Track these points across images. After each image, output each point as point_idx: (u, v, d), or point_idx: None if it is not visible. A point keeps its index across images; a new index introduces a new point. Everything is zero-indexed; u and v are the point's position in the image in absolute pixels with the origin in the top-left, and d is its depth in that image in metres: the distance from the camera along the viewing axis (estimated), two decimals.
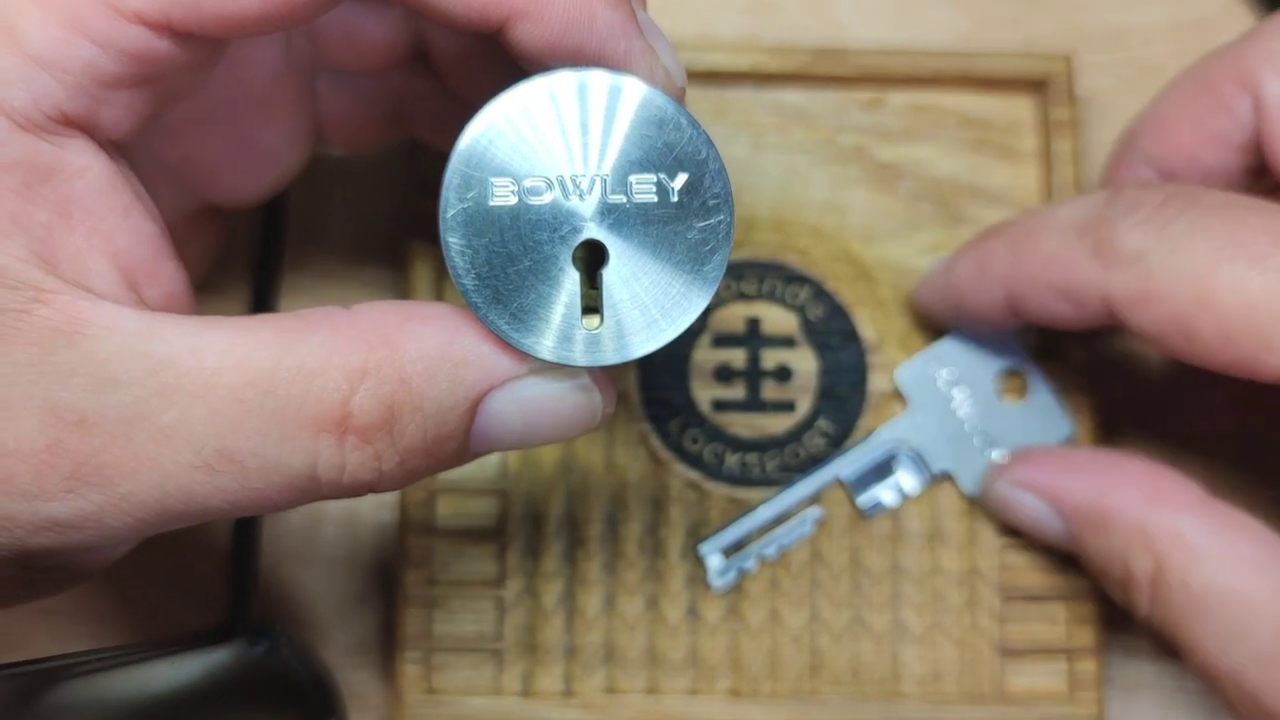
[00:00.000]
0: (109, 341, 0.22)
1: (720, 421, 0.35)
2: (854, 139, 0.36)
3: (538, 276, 0.24)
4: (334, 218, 0.36)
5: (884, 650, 0.34)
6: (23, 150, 0.22)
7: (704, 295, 0.24)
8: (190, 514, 0.23)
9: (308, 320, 0.23)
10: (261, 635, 0.30)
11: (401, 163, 0.36)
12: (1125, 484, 0.31)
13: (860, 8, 0.38)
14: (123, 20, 0.22)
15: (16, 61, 0.21)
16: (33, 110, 0.22)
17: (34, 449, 0.22)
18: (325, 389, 0.23)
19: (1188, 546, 0.29)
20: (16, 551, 0.23)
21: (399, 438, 0.24)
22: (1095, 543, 0.31)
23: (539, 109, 0.23)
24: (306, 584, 0.36)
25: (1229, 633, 0.28)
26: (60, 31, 0.22)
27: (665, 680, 0.34)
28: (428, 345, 0.23)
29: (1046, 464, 0.33)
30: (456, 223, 0.23)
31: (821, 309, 0.36)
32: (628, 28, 0.24)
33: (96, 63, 0.22)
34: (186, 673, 0.29)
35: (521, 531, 0.35)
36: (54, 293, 0.22)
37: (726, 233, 0.24)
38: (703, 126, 0.24)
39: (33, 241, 0.22)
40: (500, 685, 0.34)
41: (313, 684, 0.31)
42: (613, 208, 0.24)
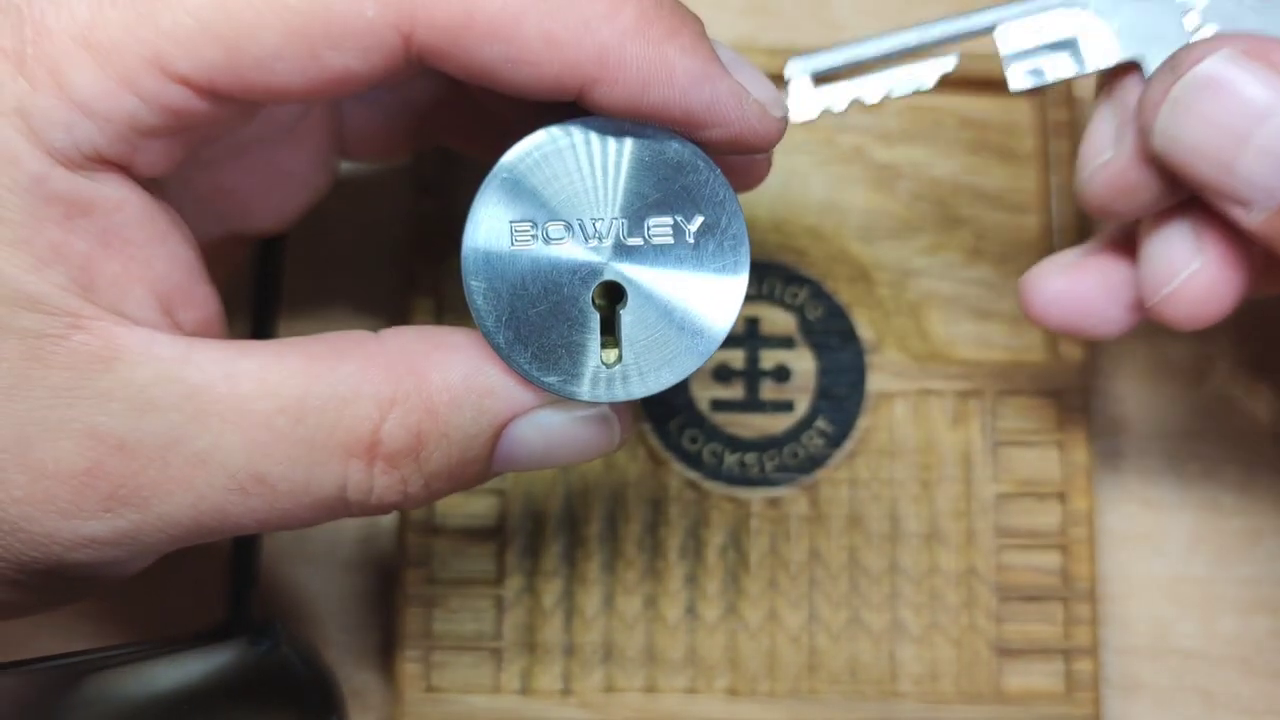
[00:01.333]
0: (146, 367, 0.23)
1: (719, 421, 0.35)
2: (853, 140, 0.37)
3: (557, 317, 0.24)
4: (334, 230, 0.36)
5: (882, 650, 0.34)
6: (64, 185, 0.22)
7: (719, 334, 0.25)
8: (221, 530, 0.24)
9: (338, 347, 0.24)
10: (262, 634, 0.31)
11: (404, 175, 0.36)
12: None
13: (859, 9, 0.38)
14: (168, 80, 0.22)
15: (61, 105, 0.22)
16: (72, 150, 0.22)
17: (74, 471, 0.23)
18: (356, 417, 0.24)
19: None
20: (52, 565, 0.24)
21: (425, 463, 0.24)
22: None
23: (558, 154, 0.24)
24: (307, 583, 0.36)
25: None
26: (109, 85, 0.22)
27: (664, 679, 0.34)
28: (453, 375, 0.24)
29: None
30: (478, 266, 0.24)
31: (820, 309, 0.36)
32: (709, 71, 0.24)
33: (138, 114, 0.22)
34: (187, 671, 0.29)
35: (521, 530, 0.35)
36: (92, 319, 0.23)
37: (742, 273, 0.25)
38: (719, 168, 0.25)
39: (72, 269, 0.23)
40: (499, 684, 0.34)
41: (313, 682, 0.31)
42: (631, 249, 0.24)
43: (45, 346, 0.23)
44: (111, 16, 0.22)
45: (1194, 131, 0.25)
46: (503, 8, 0.22)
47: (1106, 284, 0.30)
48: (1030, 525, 0.35)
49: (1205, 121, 0.25)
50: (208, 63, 0.22)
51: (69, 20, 0.22)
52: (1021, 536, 0.35)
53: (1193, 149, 0.25)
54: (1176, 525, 0.36)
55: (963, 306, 0.36)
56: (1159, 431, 0.37)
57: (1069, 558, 0.35)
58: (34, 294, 0.22)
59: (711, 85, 0.24)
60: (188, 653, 0.29)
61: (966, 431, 0.35)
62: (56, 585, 0.25)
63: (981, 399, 0.35)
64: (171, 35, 0.22)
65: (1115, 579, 0.36)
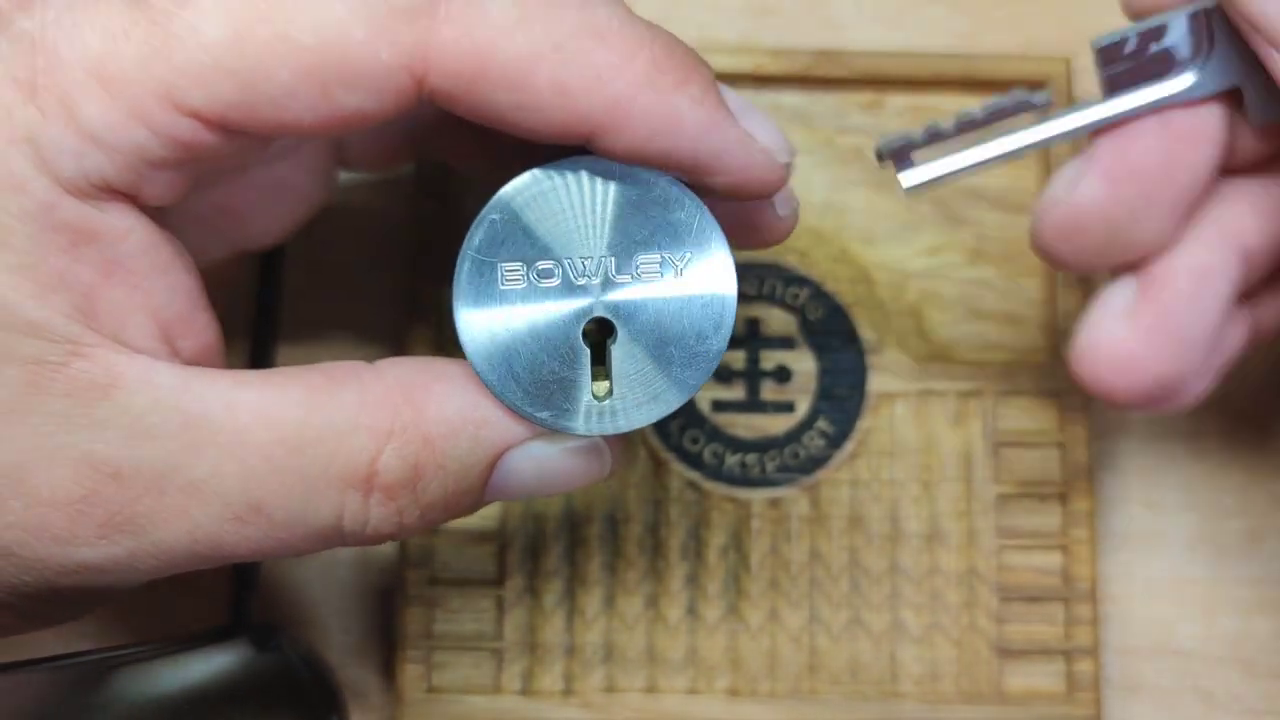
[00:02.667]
0: (144, 395, 0.23)
1: (720, 422, 0.35)
2: (854, 140, 0.37)
3: (548, 354, 0.25)
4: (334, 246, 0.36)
5: (882, 650, 0.34)
6: (70, 214, 0.22)
7: (707, 368, 0.25)
8: (217, 559, 0.24)
9: (335, 378, 0.24)
10: (263, 635, 0.31)
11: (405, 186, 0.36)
12: None
13: (860, 10, 0.38)
14: (179, 114, 0.22)
15: (70, 135, 0.22)
16: (80, 180, 0.22)
17: (69, 498, 0.23)
18: (353, 449, 0.24)
19: None
20: (45, 589, 0.24)
21: (422, 494, 0.25)
22: None
23: (545, 196, 0.25)
24: (307, 583, 0.36)
25: None
26: (119, 117, 0.22)
27: (664, 679, 0.34)
28: (450, 407, 0.24)
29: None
30: (467, 302, 0.25)
31: (821, 310, 0.36)
32: (717, 120, 0.24)
33: (147, 146, 0.22)
34: (189, 672, 0.29)
35: (522, 531, 0.35)
36: (92, 346, 0.23)
37: (730, 308, 0.25)
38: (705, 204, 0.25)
39: (74, 297, 0.23)
40: (500, 684, 0.34)
41: (314, 683, 0.31)
42: (619, 286, 0.25)
43: (45, 373, 0.23)
44: (125, 49, 0.22)
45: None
46: (516, 57, 0.22)
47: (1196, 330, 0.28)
48: (1031, 526, 0.35)
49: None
50: (220, 99, 0.22)
51: (82, 51, 0.22)
52: (1022, 537, 0.35)
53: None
54: (1177, 526, 0.36)
55: (963, 307, 0.36)
56: (1160, 432, 0.37)
57: (1070, 558, 0.35)
58: (35, 320, 0.22)
59: (720, 134, 0.24)
60: (189, 654, 0.29)
61: (967, 432, 0.35)
62: (46, 609, 0.25)
63: (982, 399, 0.35)
64: (184, 70, 0.22)
65: (1116, 579, 0.36)
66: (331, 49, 0.22)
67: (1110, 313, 0.29)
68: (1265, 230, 0.28)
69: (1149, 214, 0.28)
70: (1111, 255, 0.28)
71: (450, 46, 0.22)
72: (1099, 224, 0.28)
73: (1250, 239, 0.28)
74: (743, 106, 0.25)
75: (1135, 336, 0.28)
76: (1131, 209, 0.28)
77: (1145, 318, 0.28)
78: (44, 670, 0.27)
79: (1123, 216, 0.27)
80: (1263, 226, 0.28)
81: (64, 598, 0.25)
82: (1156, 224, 0.28)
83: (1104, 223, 0.28)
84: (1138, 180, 0.27)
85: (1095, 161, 0.28)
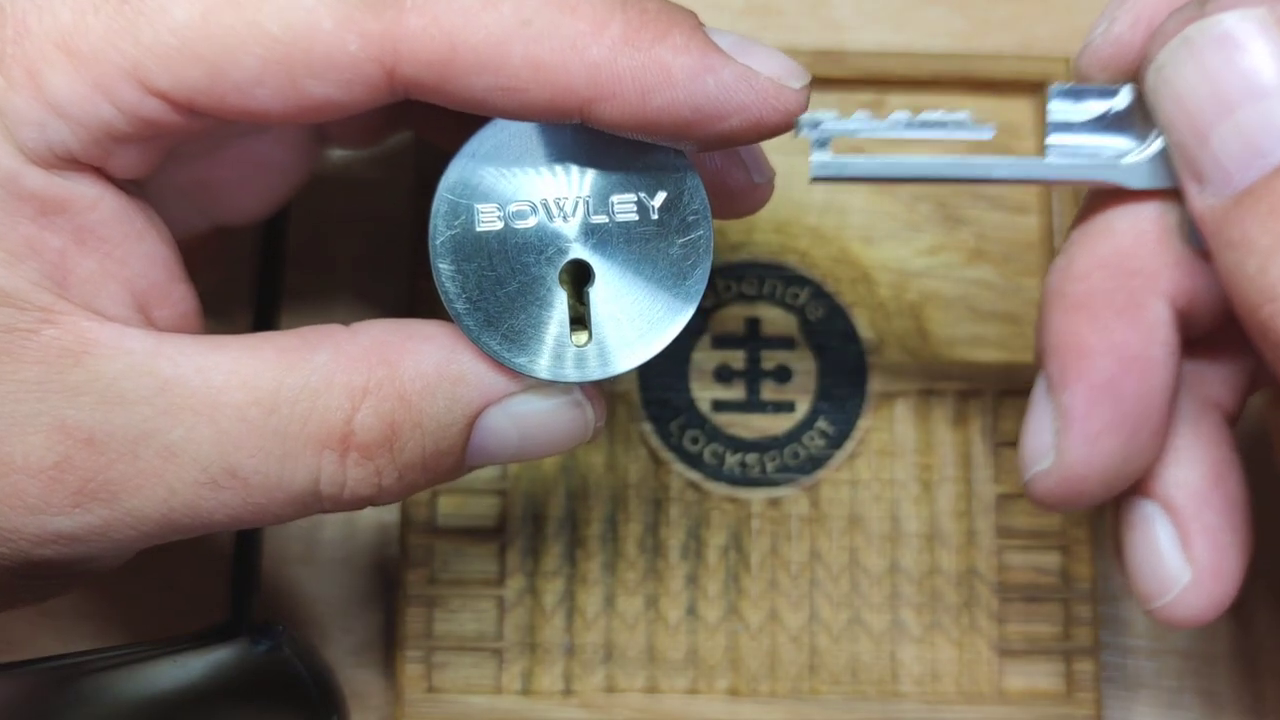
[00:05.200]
0: (117, 361, 0.23)
1: (720, 422, 0.35)
2: (854, 140, 0.36)
3: (527, 298, 0.24)
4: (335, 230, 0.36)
5: (882, 650, 0.35)
6: (36, 183, 0.22)
7: (687, 309, 0.25)
8: (194, 527, 0.24)
9: (310, 339, 0.24)
10: (263, 635, 0.31)
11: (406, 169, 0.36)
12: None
13: (860, 10, 0.38)
14: (145, 93, 0.22)
15: (36, 105, 0.22)
16: (44, 150, 0.22)
17: (42, 465, 0.23)
18: (329, 407, 0.23)
19: None
20: (20, 562, 0.24)
21: (399, 454, 0.24)
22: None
23: (522, 137, 0.24)
24: (308, 583, 0.36)
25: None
26: (84, 89, 0.22)
27: (664, 679, 0.34)
28: (426, 364, 0.24)
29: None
30: (446, 249, 0.24)
31: (821, 310, 0.36)
32: (709, 63, 0.23)
33: (113, 122, 0.22)
34: (189, 672, 0.29)
35: (522, 531, 0.35)
36: (63, 314, 0.23)
37: (706, 247, 0.25)
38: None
39: (44, 265, 0.23)
40: (500, 684, 0.34)
41: (315, 683, 0.31)
42: (596, 228, 0.24)
43: (16, 341, 0.22)
44: (94, 24, 0.22)
45: (1188, 80, 0.22)
46: (486, 38, 0.22)
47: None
48: (1031, 526, 0.35)
49: (1203, 74, 0.22)
50: (187, 82, 0.22)
51: (51, 24, 0.22)
52: (1022, 537, 0.35)
53: (1179, 98, 0.23)
54: None
55: (963, 307, 0.36)
56: None
57: (1070, 558, 0.35)
58: (4, 288, 0.22)
59: (714, 76, 0.23)
60: (189, 653, 0.29)
61: (967, 432, 0.35)
62: (23, 583, 0.25)
63: (982, 399, 0.35)
64: (152, 50, 0.22)
65: (1116, 579, 0.36)
66: (299, 38, 0.22)
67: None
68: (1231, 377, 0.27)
69: (1140, 446, 0.25)
70: (1117, 489, 0.26)
71: (419, 35, 0.22)
72: (1096, 479, 0.25)
73: (1218, 389, 0.27)
74: (738, 43, 0.24)
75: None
76: (1123, 454, 0.25)
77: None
78: (44, 670, 0.27)
79: (1115, 465, 0.25)
80: (1227, 376, 0.27)
81: (40, 572, 0.24)
82: (1149, 447, 0.25)
83: (1100, 476, 0.25)
84: (1118, 428, 0.24)
85: (1071, 423, 0.25)
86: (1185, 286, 0.24)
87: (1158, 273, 0.24)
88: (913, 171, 0.24)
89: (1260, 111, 0.21)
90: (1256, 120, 0.21)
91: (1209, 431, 0.26)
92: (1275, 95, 0.21)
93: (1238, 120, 0.22)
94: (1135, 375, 0.24)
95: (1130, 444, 0.24)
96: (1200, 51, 0.22)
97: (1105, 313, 0.24)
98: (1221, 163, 0.22)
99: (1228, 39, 0.22)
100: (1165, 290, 0.24)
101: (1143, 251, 0.24)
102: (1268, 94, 0.21)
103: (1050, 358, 0.25)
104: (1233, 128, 0.22)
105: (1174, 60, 0.23)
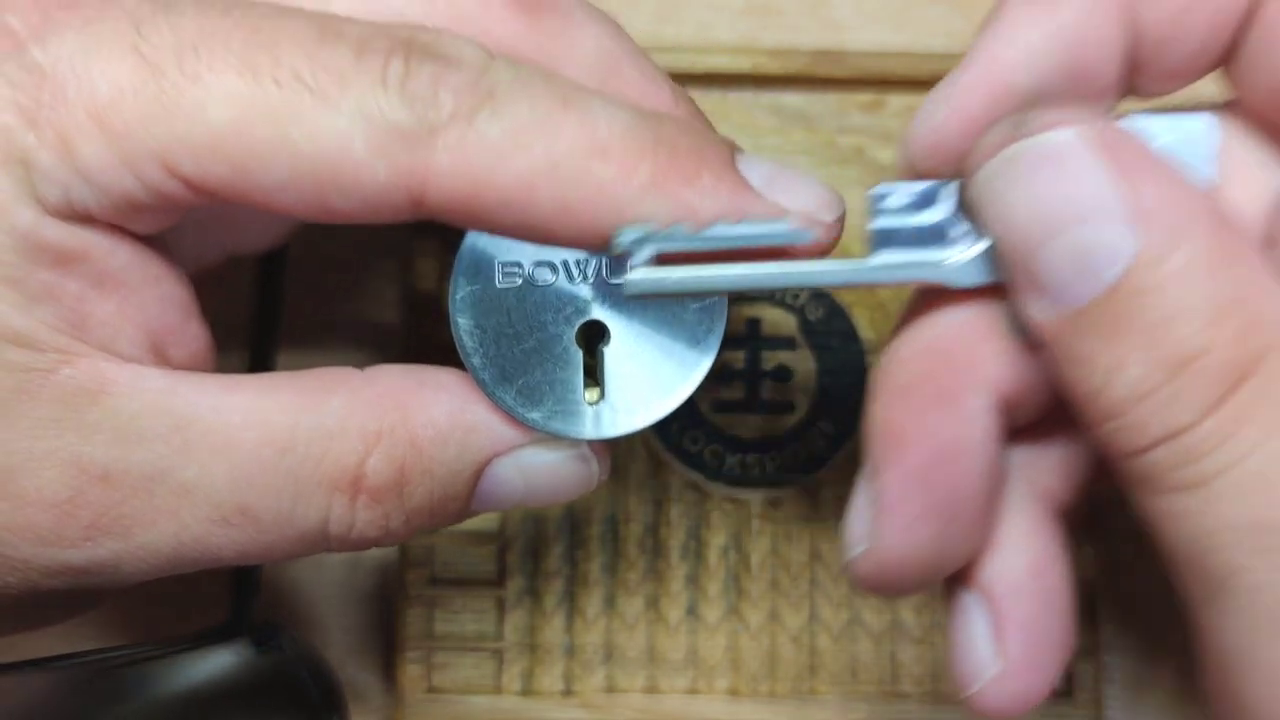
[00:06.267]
0: (134, 400, 0.23)
1: (720, 422, 0.35)
2: (854, 140, 0.37)
3: (542, 355, 0.25)
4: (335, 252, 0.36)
5: (882, 650, 0.35)
6: (56, 235, 0.23)
7: (698, 372, 0.25)
8: (202, 561, 0.24)
9: (325, 381, 0.24)
10: (264, 635, 0.31)
11: None
12: None
13: (860, 10, 0.38)
14: (169, 175, 0.22)
15: (63, 167, 0.22)
16: (64, 206, 0.23)
17: (56, 500, 0.23)
18: (342, 450, 0.24)
19: None
20: (28, 591, 0.24)
21: (407, 499, 0.25)
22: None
23: None
24: (308, 584, 0.36)
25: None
26: (111, 161, 0.22)
27: (665, 680, 0.34)
28: (439, 412, 0.25)
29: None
30: (465, 305, 0.25)
31: (821, 310, 0.36)
32: (737, 204, 0.23)
33: (135, 193, 0.23)
34: (189, 673, 0.29)
35: (522, 531, 0.35)
36: (80, 355, 0.23)
37: (721, 312, 0.25)
38: None
39: (62, 309, 0.23)
40: (501, 684, 0.34)
41: (315, 683, 0.31)
42: (613, 289, 0.25)
43: (34, 380, 0.23)
44: (130, 105, 0.22)
45: (1015, 198, 0.22)
46: (516, 181, 0.22)
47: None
48: None
49: (1031, 194, 0.22)
50: (213, 175, 0.22)
51: (88, 96, 0.22)
52: None
53: (1007, 215, 0.22)
54: None
55: None
56: None
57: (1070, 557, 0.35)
58: (22, 330, 0.23)
59: (743, 217, 0.23)
60: (190, 654, 0.29)
61: None
62: (29, 612, 0.25)
63: None
64: (183, 142, 0.22)
65: (1120, 579, 0.36)
66: (329, 159, 0.22)
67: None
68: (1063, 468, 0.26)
69: (956, 534, 0.24)
70: (935, 576, 0.25)
71: (447, 172, 0.22)
72: (911, 566, 0.25)
73: (1047, 479, 0.26)
74: (772, 175, 0.24)
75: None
76: (938, 542, 0.24)
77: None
78: (44, 671, 0.27)
79: (930, 553, 0.24)
80: (1058, 467, 0.26)
81: (47, 601, 0.25)
82: (967, 535, 0.25)
83: (915, 563, 0.25)
84: (932, 516, 0.24)
85: (885, 508, 0.24)
86: (1008, 376, 0.24)
87: (977, 363, 0.24)
88: (735, 282, 0.23)
89: (1087, 232, 0.21)
90: (1086, 240, 0.21)
91: (1035, 522, 0.26)
92: (1102, 215, 0.21)
93: (1067, 240, 0.21)
94: (950, 464, 0.24)
95: (945, 532, 0.24)
96: (1024, 171, 0.22)
97: (922, 400, 0.24)
98: (1056, 279, 0.21)
99: (1052, 159, 0.21)
100: (985, 380, 0.24)
101: (964, 341, 0.24)
102: (1094, 214, 0.21)
103: (870, 443, 0.25)
104: (1063, 247, 0.21)
105: (999, 177, 0.22)
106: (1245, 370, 0.20)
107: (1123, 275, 0.21)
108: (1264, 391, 0.20)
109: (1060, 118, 0.22)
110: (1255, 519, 0.20)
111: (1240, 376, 0.20)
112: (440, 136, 0.22)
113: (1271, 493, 0.20)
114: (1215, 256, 0.21)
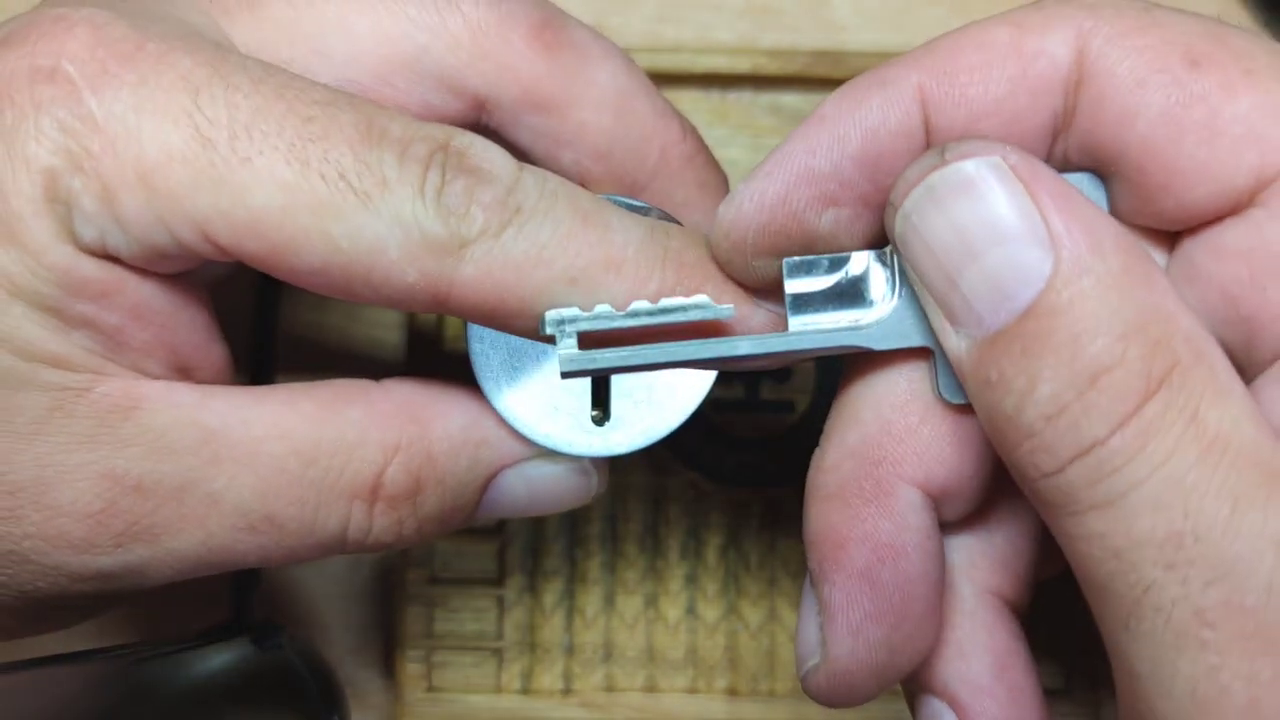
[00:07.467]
0: (165, 414, 0.24)
1: (720, 422, 0.35)
2: None
3: (550, 376, 0.26)
4: None
5: None
6: (90, 271, 0.24)
7: (701, 391, 0.27)
8: (225, 565, 0.26)
9: (344, 394, 0.26)
10: (264, 634, 0.31)
11: None
12: None
13: (860, 10, 0.38)
14: (204, 239, 0.23)
15: (102, 213, 0.23)
16: (97, 246, 0.23)
17: (89, 510, 0.24)
18: (363, 461, 0.25)
19: None
20: (57, 594, 0.25)
21: (421, 507, 0.26)
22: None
23: None
24: (309, 583, 0.36)
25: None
26: (150, 218, 0.23)
27: (664, 678, 0.34)
28: (453, 426, 0.26)
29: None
30: (481, 329, 0.26)
31: None
32: (741, 316, 0.25)
33: (167, 249, 0.24)
34: (191, 671, 0.29)
35: (522, 530, 0.35)
36: (113, 375, 0.24)
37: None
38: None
39: (97, 335, 0.24)
40: (500, 683, 0.34)
41: (315, 682, 0.31)
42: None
43: (69, 398, 0.24)
44: (177, 172, 0.23)
45: (934, 227, 0.22)
46: (533, 293, 0.24)
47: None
48: None
49: (948, 221, 0.22)
50: (247, 249, 0.23)
51: (136, 156, 0.23)
52: None
53: (926, 245, 0.23)
54: None
55: None
56: None
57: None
58: (59, 354, 0.24)
59: (744, 327, 0.25)
60: (191, 652, 0.29)
61: None
62: (53, 614, 0.26)
63: None
64: (225, 215, 0.23)
65: None
66: (363, 258, 0.23)
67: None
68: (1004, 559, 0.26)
69: (906, 635, 0.24)
70: (890, 681, 0.25)
71: (471, 283, 0.23)
72: (865, 672, 0.25)
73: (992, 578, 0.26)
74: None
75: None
76: (888, 645, 0.24)
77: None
78: (45, 670, 0.27)
79: (882, 657, 0.25)
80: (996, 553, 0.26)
81: (73, 603, 0.26)
82: (917, 635, 0.25)
83: (868, 669, 0.25)
84: (880, 618, 0.24)
85: (832, 615, 0.25)
86: (935, 469, 0.25)
87: (903, 458, 0.25)
88: (660, 358, 0.24)
89: (1003, 255, 0.22)
90: (1000, 264, 0.22)
91: (988, 620, 0.26)
92: (1016, 239, 0.21)
93: (983, 265, 0.22)
94: (891, 563, 0.24)
95: (895, 634, 0.24)
96: (943, 199, 0.22)
97: (855, 501, 0.25)
98: (972, 305, 0.22)
99: (968, 186, 0.22)
100: (912, 475, 0.24)
101: (888, 439, 0.25)
102: (1009, 238, 0.21)
103: (810, 551, 0.25)
104: (979, 272, 0.22)
105: (919, 208, 0.23)
106: (1153, 385, 0.21)
107: (1037, 297, 0.21)
108: (1172, 404, 0.20)
109: (976, 147, 0.22)
110: (1165, 532, 0.20)
111: (1148, 391, 0.21)
112: (470, 249, 0.23)
113: (1180, 505, 0.20)
114: (1126, 277, 0.21)
